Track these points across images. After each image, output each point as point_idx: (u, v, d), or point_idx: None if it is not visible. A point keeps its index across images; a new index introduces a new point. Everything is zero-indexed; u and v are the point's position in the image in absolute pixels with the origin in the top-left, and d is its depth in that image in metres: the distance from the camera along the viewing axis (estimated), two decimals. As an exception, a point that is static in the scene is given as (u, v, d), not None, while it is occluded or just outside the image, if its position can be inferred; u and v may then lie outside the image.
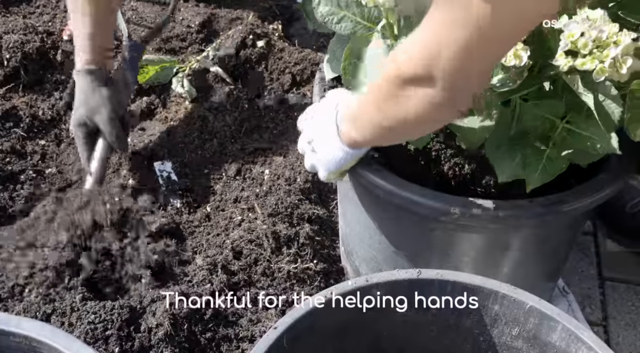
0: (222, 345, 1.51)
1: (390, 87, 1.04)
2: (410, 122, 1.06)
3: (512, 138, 1.24)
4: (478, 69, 0.96)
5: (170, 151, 1.96)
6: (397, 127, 1.10)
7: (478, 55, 0.92)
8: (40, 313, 1.48)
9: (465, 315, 1.16)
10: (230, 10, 2.44)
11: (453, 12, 0.89)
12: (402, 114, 1.05)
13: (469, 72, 0.95)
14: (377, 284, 1.13)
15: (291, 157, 1.93)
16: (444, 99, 0.98)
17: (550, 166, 1.22)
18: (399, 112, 1.05)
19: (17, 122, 2.01)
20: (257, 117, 2.11)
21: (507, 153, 1.24)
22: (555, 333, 1.09)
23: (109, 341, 1.45)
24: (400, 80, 1.01)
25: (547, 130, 1.22)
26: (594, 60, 1.08)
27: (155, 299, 1.51)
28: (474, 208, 1.25)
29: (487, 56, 0.95)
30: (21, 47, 2.09)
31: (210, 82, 2.15)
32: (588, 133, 1.19)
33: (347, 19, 1.27)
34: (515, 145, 1.24)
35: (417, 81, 0.98)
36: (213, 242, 1.72)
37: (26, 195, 1.81)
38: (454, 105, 1.01)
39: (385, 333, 1.22)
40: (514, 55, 1.11)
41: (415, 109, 1.02)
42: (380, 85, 1.07)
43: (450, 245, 1.40)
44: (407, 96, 1.01)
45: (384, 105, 1.08)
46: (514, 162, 1.23)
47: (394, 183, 1.30)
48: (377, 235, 1.47)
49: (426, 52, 0.95)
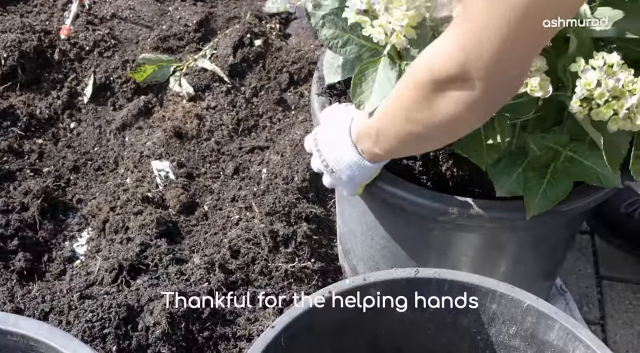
0: (219, 344, 1.51)
1: (422, 93, 1.00)
2: (443, 126, 1.03)
3: (512, 153, 1.24)
4: (516, 66, 0.94)
5: (168, 150, 1.96)
6: (428, 134, 1.06)
7: (516, 51, 0.91)
8: (37, 311, 1.48)
9: (462, 313, 1.16)
10: (228, 9, 2.43)
11: (493, 6, 0.87)
12: (436, 118, 1.01)
13: (507, 69, 0.93)
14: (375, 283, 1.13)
15: (289, 156, 1.93)
16: (480, 99, 0.95)
17: (550, 192, 1.21)
18: (432, 118, 1.02)
19: (14, 120, 2.01)
20: (254, 116, 2.11)
21: (506, 168, 1.24)
22: (553, 332, 1.09)
23: (107, 339, 1.45)
24: (433, 84, 0.98)
25: (549, 159, 1.22)
26: (609, 109, 1.07)
27: (152, 298, 1.51)
28: (471, 209, 1.25)
29: (525, 51, 0.93)
30: (18, 45, 2.09)
31: (208, 81, 2.14)
32: (590, 163, 1.19)
33: (352, 42, 1.22)
34: (516, 160, 1.24)
35: (452, 82, 0.95)
36: (210, 241, 1.72)
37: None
38: (490, 104, 0.99)
39: (383, 332, 1.22)
40: (539, 86, 1.09)
41: (452, 111, 0.99)
42: (409, 94, 1.03)
43: (448, 244, 1.41)
44: (442, 99, 0.98)
45: (414, 114, 1.04)
46: (511, 178, 1.23)
47: (392, 183, 1.30)
48: (375, 235, 1.47)
49: (461, 51, 0.92)
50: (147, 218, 1.72)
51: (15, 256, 1.67)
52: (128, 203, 1.78)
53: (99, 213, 1.80)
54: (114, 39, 2.25)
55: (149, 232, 1.69)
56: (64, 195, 1.89)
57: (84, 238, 1.79)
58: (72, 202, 1.88)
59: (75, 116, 2.09)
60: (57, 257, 1.72)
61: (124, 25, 2.31)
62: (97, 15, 2.34)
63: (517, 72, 0.96)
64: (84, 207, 1.86)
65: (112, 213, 1.78)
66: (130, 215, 1.75)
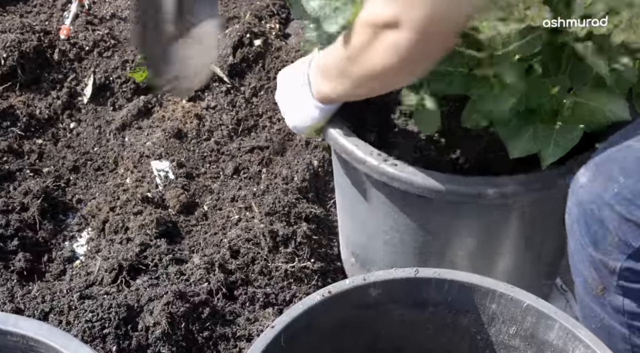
0: (219, 344, 1.51)
1: (363, 34, 1.04)
2: (378, 72, 1.06)
3: (520, 113, 1.24)
4: (450, 17, 0.97)
5: (168, 150, 1.96)
6: (364, 76, 1.09)
7: (445, 5, 0.94)
8: (37, 311, 1.48)
9: (462, 313, 1.16)
10: (227, 9, 2.43)
11: None
12: (372, 61, 1.04)
13: (441, 19, 0.96)
14: (374, 283, 1.13)
15: (289, 156, 1.93)
16: (412, 45, 0.98)
17: (562, 140, 1.22)
18: (368, 61, 1.05)
19: (14, 121, 2.01)
20: (254, 116, 2.11)
21: (517, 128, 1.23)
22: (553, 332, 1.09)
23: (107, 340, 1.45)
24: (372, 27, 1.01)
25: (555, 106, 1.22)
26: (610, 23, 1.08)
27: (152, 298, 1.51)
28: (507, 187, 1.23)
29: (459, 5, 0.96)
30: (18, 46, 2.09)
31: (207, 81, 2.14)
32: (595, 103, 1.19)
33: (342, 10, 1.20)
34: (525, 119, 1.24)
35: (388, 28, 0.98)
36: (210, 241, 1.72)
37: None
38: (422, 56, 1.01)
39: (383, 332, 1.22)
40: (537, 15, 1.11)
41: (385, 56, 1.02)
42: (354, 33, 1.06)
43: (484, 229, 1.38)
44: (378, 43, 1.01)
45: (354, 54, 1.07)
46: (525, 136, 1.23)
47: (417, 175, 1.27)
48: (401, 235, 1.43)
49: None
50: (146, 218, 1.72)
51: (15, 256, 1.67)
52: (128, 204, 1.78)
53: (99, 214, 1.80)
54: (113, 39, 2.25)
55: (148, 232, 1.69)
56: (63, 195, 1.89)
57: (83, 238, 1.79)
58: (72, 202, 1.88)
59: (75, 116, 2.09)
60: (57, 257, 1.72)
61: (124, 25, 2.31)
62: (97, 15, 2.34)
63: (448, 27, 0.98)
64: (84, 207, 1.86)
65: (112, 214, 1.78)
66: (130, 215, 1.75)
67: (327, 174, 1.91)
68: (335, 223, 1.84)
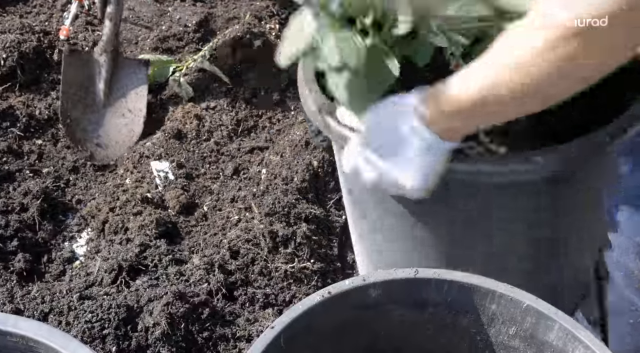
0: (219, 344, 1.51)
1: (567, 47, 0.88)
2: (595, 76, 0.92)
3: None
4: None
5: (167, 150, 1.96)
6: (575, 86, 0.95)
7: None
8: (37, 312, 1.48)
9: (461, 314, 1.16)
10: (227, 10, 2.43)
11: None
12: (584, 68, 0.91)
13: None
14: (374, 284, 1.13)
15: (288, 157, 1.93)
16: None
17: None
18: (581, 69, 0.91)
19: (13, 121, 2.01)
20: (254, 117, 2.11)
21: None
22: (552, 333, 1.09)
23: (106, 340, 1.45)
24: (568, 40, 0.86)
25: None
26: None
27: (152, 298, 1.51)
28: (554, 153, 1.15)
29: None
30: (18, 46, 2.09)
31: (207, 81, 2.15)
32: None
33: None
34: None
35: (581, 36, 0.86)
36: (210, 241, 1.72)
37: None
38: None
39: (383, 333, 1.22)
40: None
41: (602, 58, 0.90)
42: (533, 57, 0.90)
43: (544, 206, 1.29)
44: (581, 52, 0.87)
45: (563, 65, 0.90)
46: None
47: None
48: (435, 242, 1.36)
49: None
50: (146, 218, 1.72)
51: (15, 257, 1.67)
52: (127, 204, 1.78)
53: (99, 214, 1.80)
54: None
55: (148, 232, 1.69)
56: (63, 195, 1.89)
57: (83, 239, 1.79)
58: (71, 202, 1.88)
59: (74, 117, 2.09)
60: (57, 257, 1.72)
61: (124, 26, 2.30)
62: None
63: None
64: (84, 208, 1.86)
65: (112, 214, 1.78)
66: (129, 215, 1.75)
67: (327, 175, 1.91)
68: (335, 224, 1.84)
